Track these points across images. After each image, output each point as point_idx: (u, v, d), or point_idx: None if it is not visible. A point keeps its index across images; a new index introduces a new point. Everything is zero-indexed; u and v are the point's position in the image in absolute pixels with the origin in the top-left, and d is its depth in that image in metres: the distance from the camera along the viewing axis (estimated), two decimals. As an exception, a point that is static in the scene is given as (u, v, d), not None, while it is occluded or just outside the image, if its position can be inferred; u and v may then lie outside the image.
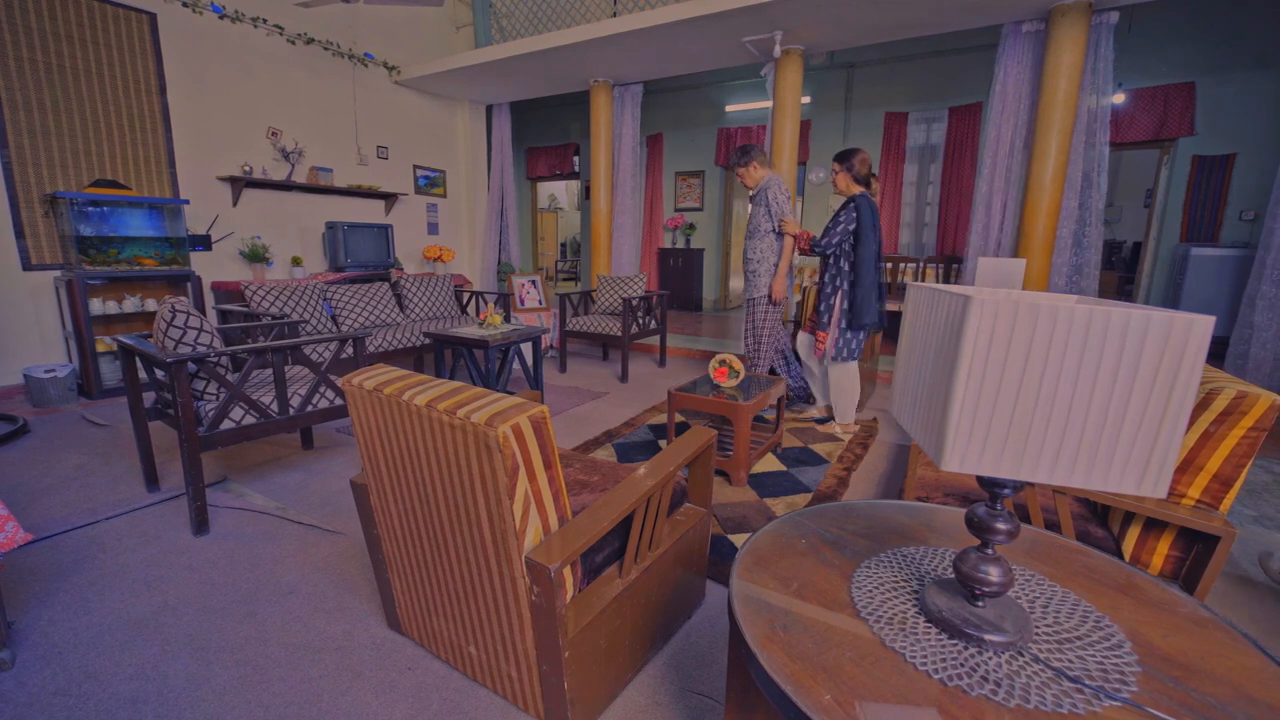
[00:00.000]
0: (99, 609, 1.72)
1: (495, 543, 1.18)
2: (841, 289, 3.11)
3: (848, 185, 3.08)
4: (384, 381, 1.28)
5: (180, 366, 1.98)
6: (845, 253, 3.07)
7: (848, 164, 3.05)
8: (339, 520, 2.28)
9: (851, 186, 3.09)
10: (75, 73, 3.80)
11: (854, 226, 3.01)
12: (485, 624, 1.31)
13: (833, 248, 3.07)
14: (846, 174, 3.07)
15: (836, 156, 3.11)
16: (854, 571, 1.03)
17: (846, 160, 3.06)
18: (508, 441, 1.06)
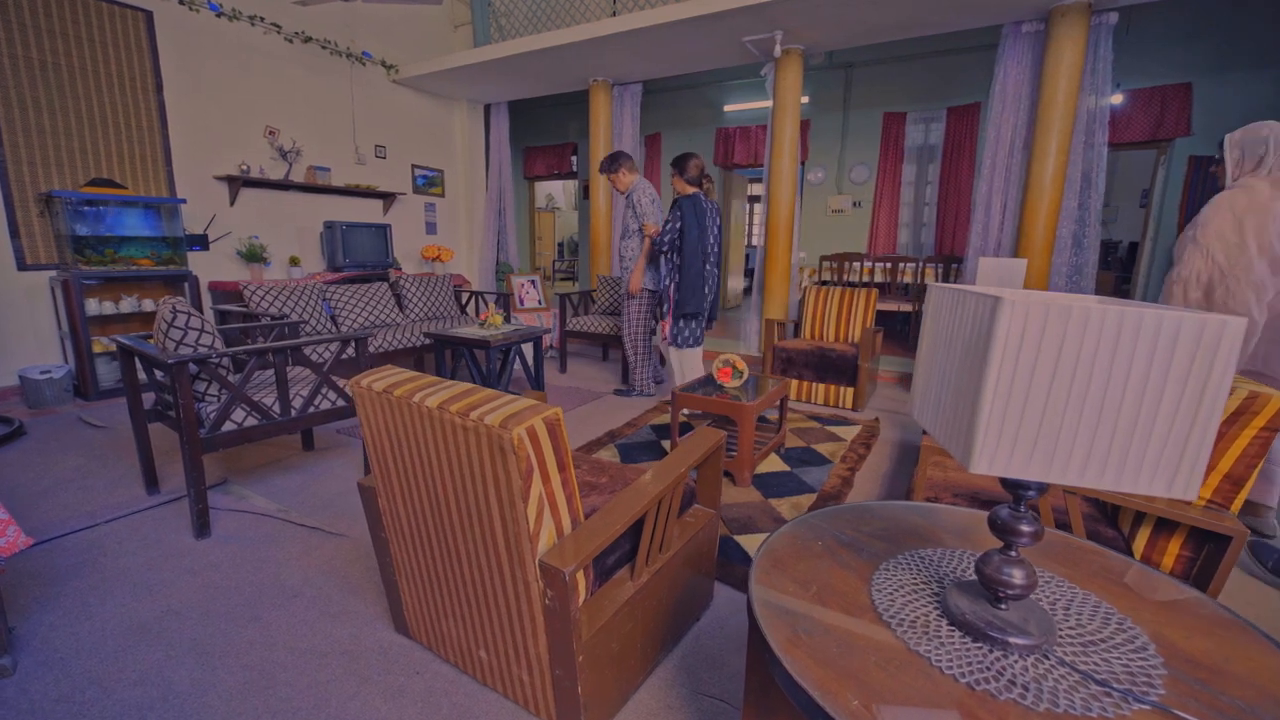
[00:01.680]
0: (101, 614, 1.70)
1: (508, 546, 1.16)
2: (674, 282, 3.44)
3: (682, 188, 3.44)
4: (394, 383, 1.26)
5: (182, 368, 1.96)
6: (677, 248, 3.40)
7: (681, 170, 3.42)
8: (342, 522, 2.26)
9: (685, 189, 3.43)
10: (71, 70, 3.76)
11: (679, 225, 3.36)
12: (496, 628, 1.30)
13: (665, 246, 3.42)
14: (680, 178, 3.43)
15: (673, 163, 3.46)
16: (872, 574, 1.02)
17: (680, 166, 3.43)
18: (522, 444, 1.05)
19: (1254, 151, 2.09)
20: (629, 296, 3.82)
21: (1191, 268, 2.13)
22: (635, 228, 3.76)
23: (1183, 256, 2.16)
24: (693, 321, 3.48)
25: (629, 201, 3.80)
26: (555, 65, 5.41)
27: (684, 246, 3.35)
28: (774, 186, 5.12)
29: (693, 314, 3.42)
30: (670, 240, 3.39)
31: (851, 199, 7.19)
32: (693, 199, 3.38)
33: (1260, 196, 2.00)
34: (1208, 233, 2.10)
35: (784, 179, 5.07)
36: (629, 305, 3.86)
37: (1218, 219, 2.08)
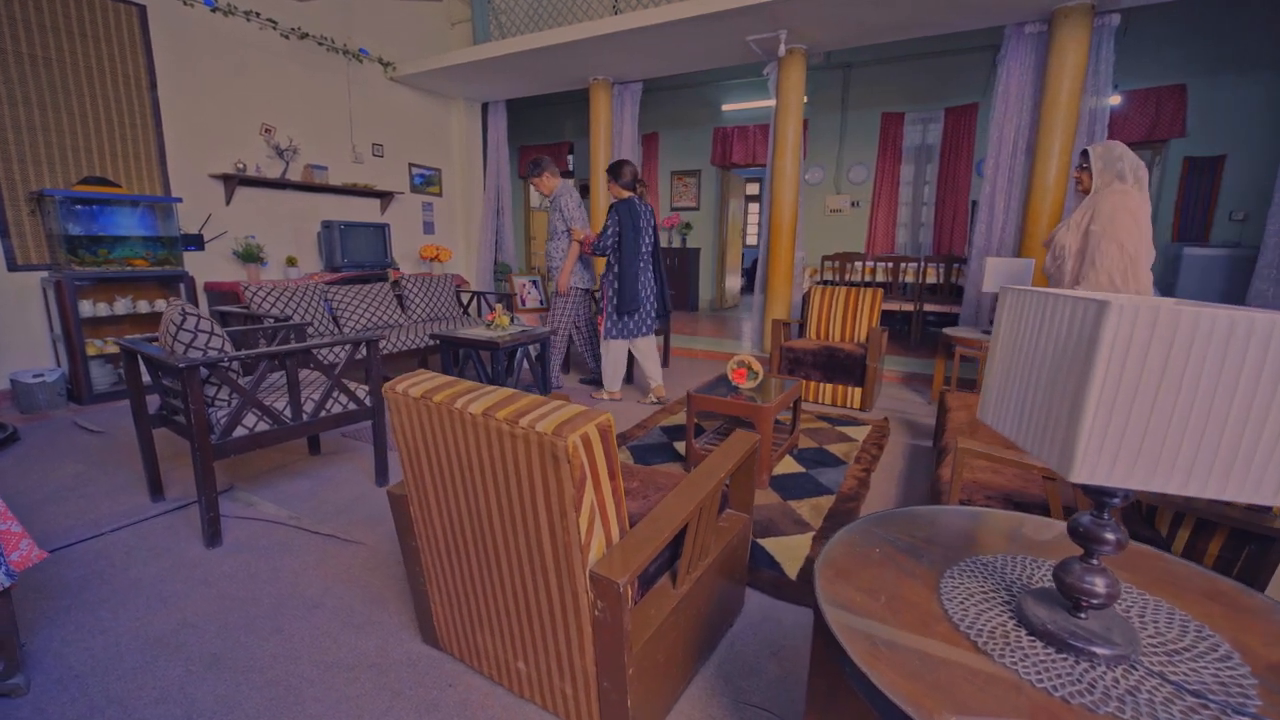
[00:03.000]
0: (114, 628, 1.64)
1: (556, 556, 1.13)
2: (613, 283, 3.66)
3: (617, 193, 3.63)
4: (431, 388, 1.22)
5: (193, 372, 1.90)
6: (615, 250, 3.60)
7: (616, 176, 3.61)
8: (357, 529, 2.21)
9: (620, 193, 3.62)
10: (63, 65, 3.66)
11: (618, 229, 3.56)
12: (538, 639, 1.26)
13: (606, 249, 3.61)
14: (615, 184, 3.61)
15: (608, 170, 3.63)
16: (938, 582, 1.00)
17: (615, 173, 3.61)
18: (576, 452, 1.02)
19: (1113, 166, 2.57)
20: (558, 295, 3.99)
21: (1112, 260, 2.50)
22: (562, 229, 3.92)
23: (1101, 251, 2.52)
24: (626, 318, 3.69)
25: (554, 205, 3.94)
26: (556, 63, 5.36)
27: (621, 249, 3.57)
28: (777, 186, 5.11)
29: (628, 311, 3.65)
30: (611, 243, 3.59)
31: (850, 199, 7.21)
32: (628, 203, 3.58)
33: (1136, 199, 2.48)
34: (1117, 229, 2.47)
35: (787, 179, 5.07)
36: (558, 303, 4.03)
37: (1122, 216, 2.47)
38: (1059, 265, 2.79)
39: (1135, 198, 2.51)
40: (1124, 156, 2.57)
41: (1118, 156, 2.59)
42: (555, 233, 3.94)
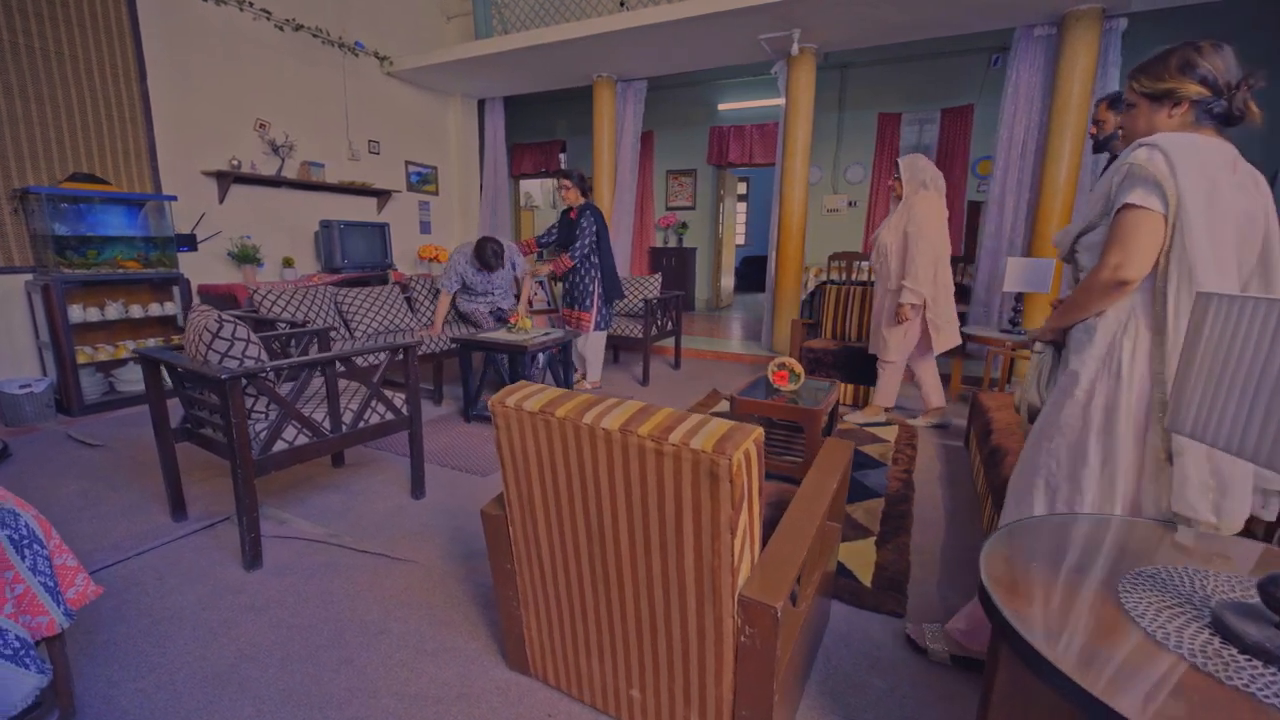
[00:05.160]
0: (164, 664, 1.51)
1: (700, 578, 1.06)
2: (597, 278, 3.89)
3: (576, 198, 3.84)
4: (547, 402, 1.14)
5: (235, 383, 1.77)
6: (595, 249, 3.85)
7: (577, 180, 3.83)
8: (403, 546, 2.10)
9: (579, 199, 3.85)
10: (46, 54, 3.42)
11: (595, 229, 3.80)
12: (662, 666, 1.19)
13: (586, 250, 3.81)
14: (576, 189, 3.81)
15: (578, 177, 3.84)
16: (1117, 598, 0.96)
17: (578, 179, 3.84)
18: (740, 471, 0.95)
19: (918, 175, 3.07)
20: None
21: (925, 256, 3.02)
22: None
23: (918, 249, 3.00)
24: (607, 308, 4.01)
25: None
26: (559, 60, 5.26)
27: (602, 246, 3.86)
28: (786, 187, 5.10)
29: (616, 298, 4.02)
30: (591, 242, 3.80)
31: (847, 199, 7.26)
32: (593, 205, 3.87)
33: (938, 204, 3.05)
34: (928, 230, 3.00)
35: (796, 179, 5.06)
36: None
37: (934, 220, 3.01)
38: (883, 262, 3.20)
39: (937, 203, 3.05)
40: (925, 169, 3.09)
41: (921, 168, 3.09)
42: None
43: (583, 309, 3.90)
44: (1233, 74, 1.20)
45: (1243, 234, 1.17)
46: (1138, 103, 1.29)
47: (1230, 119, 1.21)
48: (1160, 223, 1.14)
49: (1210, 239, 1.12)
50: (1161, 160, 1.13)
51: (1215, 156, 1.14)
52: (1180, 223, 1.12)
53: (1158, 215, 1.14)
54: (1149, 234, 1.15)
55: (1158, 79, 1.25)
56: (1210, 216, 1.12)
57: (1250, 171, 1.20)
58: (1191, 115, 1.21)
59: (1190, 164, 1.12)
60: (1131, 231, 1.16)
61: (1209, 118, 1.21)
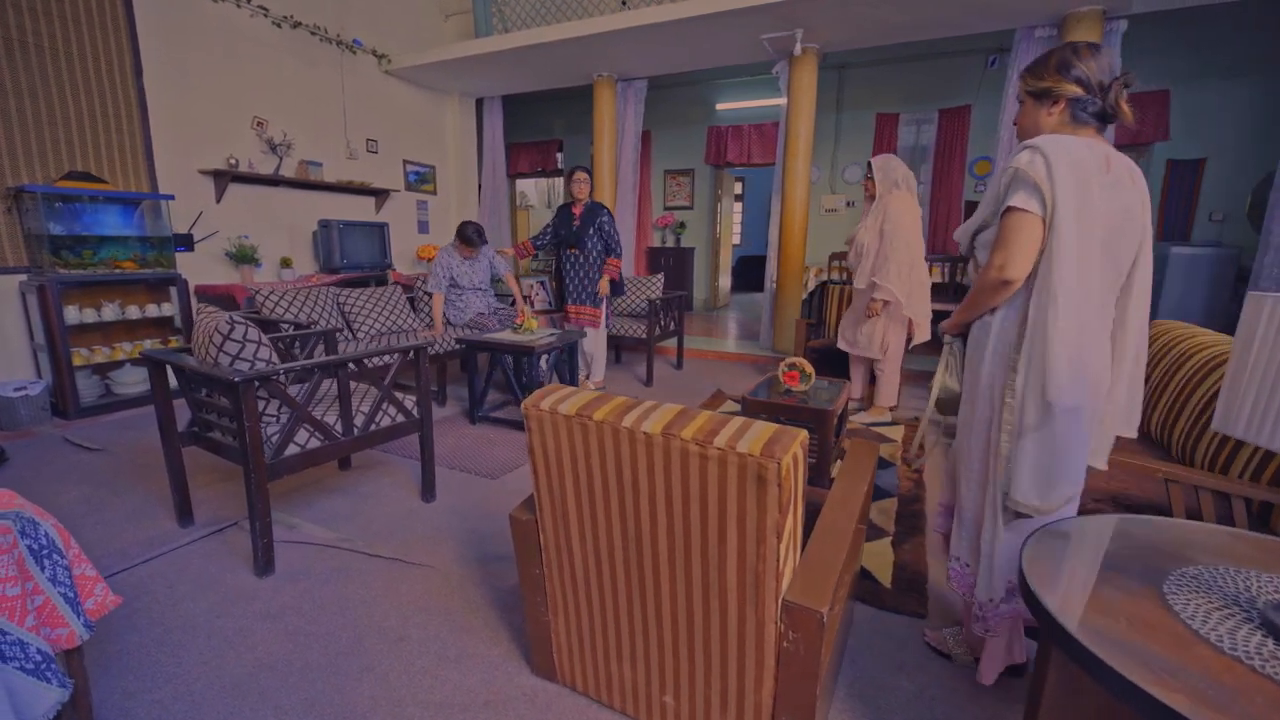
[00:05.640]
0: (180, 674, 1.48)
1: (742, 583, 1.04)
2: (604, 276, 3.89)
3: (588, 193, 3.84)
4: (585, 405, 1.12)
5: (249, 386, 1.73)
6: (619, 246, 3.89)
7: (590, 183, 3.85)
8: (417, 550, 2.07)
9: (590, 196, 3.89)
10: (41, 51, 3.35)
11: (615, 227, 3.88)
12: (699, 671, 1.17)
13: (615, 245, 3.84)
14: (588, 186, 3.80)
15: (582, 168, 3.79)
16: (1163, 599, 0.96)
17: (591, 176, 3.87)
18: (789, 475, 0.94)
19: (890, 175, 3.12)
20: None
21: (901, 254, 3.07)
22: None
23: (893, 248, 3.07)
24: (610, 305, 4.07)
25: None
26: (559, 59, 5.23)
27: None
28: (788, 187, 5.10)
29: (615, 297, 4.05)
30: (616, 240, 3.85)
31: (845, 199, 7.28)
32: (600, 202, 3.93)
33: (912, 203, 3.10)
34: (904, 229, 3.06)
35: (798, 179, 5.07)
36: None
37: (908, 220, 3.07)
38: (860, 261, 3.25)
39: (911, 202, 3.12)
40: (897, 168, 3.14)
41: (893, 168, 3.13)
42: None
43: (594, 305, 3.88)
44: (1106, 75, 1.25)
45: (1119, 230, 1.23)
46: (1025, 100, 1.35)
47: (1105, 117, 1.28)
48: (1039, 225, 1.20)
49: (1078, 239, 1.19)
50: (1041, 164, 1.18)
51: (1089, 158, 1.20)
52: (1053, 224, 1.18)
53: (1036, 218, 1.20)
54: (1029, 236, 1.21)
55: (1039, 78, 1.31)
56: (1080, 218, 1.18)
57: (1126, 166, 1.25)
58: (1069, 113, 1.28)
59: (1065, 167, 1.17)
60: (1014, 233, 1.22)
61: (1087, 115, 1.27)
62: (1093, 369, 1.25)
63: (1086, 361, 1.23)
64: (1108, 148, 1.25)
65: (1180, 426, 1.96)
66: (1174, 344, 2.25)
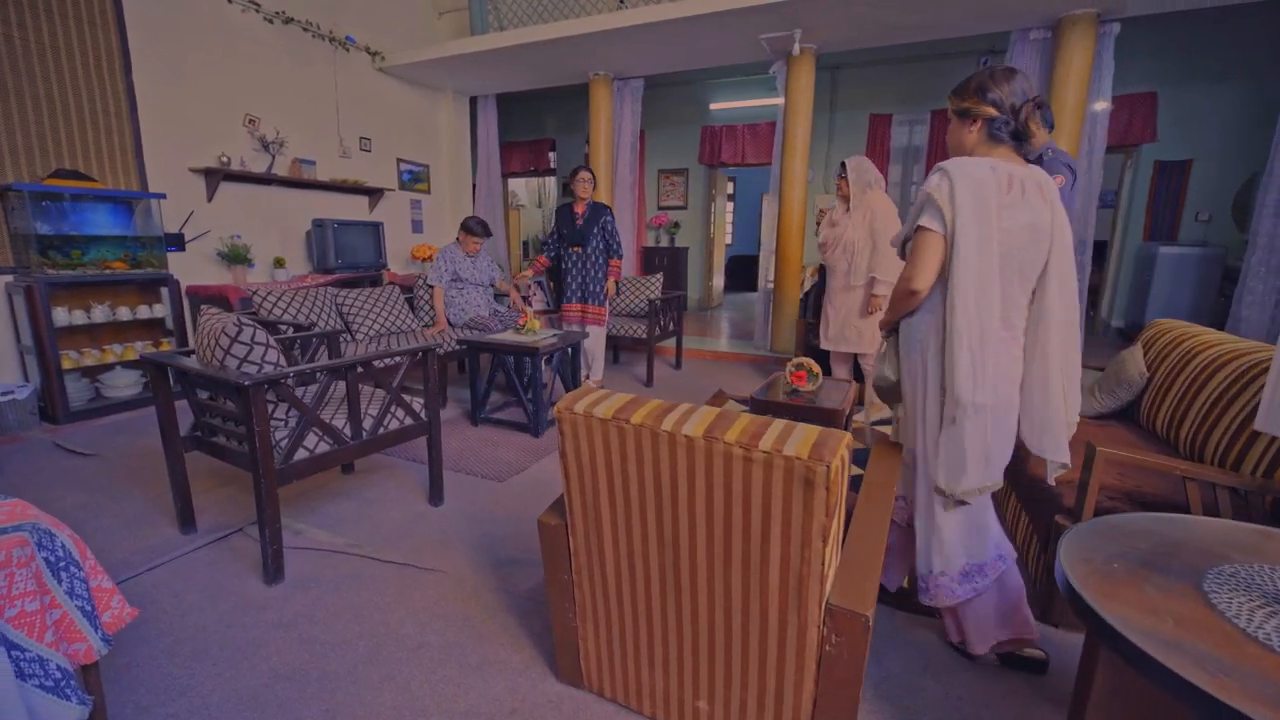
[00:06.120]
0: (194, 687, 1.43)
1: (784, 587, 1.03)
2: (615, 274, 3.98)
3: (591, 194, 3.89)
4: (621, 408, 1.10)
5: (259, 390, 1.69)
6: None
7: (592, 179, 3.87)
8: (428, 555, 2.04)
9: (595, 196, 3.99)
10: (27, 45, 3.25)
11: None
12: (735, 676, 1.16)
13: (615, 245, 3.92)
14: (591, 185, 3.83)
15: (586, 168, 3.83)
16: (1205, 598, 0.96)
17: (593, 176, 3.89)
18: (837, 478, 0.93)
19: (864, 176, 3.19)
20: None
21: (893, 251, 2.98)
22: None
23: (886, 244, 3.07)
24: None
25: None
26: (556, 58, 5.19)
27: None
28: (786, 187, 5.11)
29: None
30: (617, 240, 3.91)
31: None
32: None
33: (889, 203, 3.18)
34: (892, 227, 3.09)
35: (796, 179, 5.08)
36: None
37: (892, 217, 3.13)
38: (850, 259, 3.30)
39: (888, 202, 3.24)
40: (870, 170, 3.24)
41: (866, 169, 3.23)
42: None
43: (598, 304, 3.89)
44: (1019, 98, 1.39)
45: (1024, 243, 1.35)
46: (952, 118, 1.48)
47: (1019, 136, 1.41)
48: (941, 242, 1.35)
49: (977, 255, 1.32)
50: (946, 187, 1.33)
51: (990, 180, 1.33)
52: (954, 241, 1.32)
53: (939, 236, 1.34)
54: (932, 252, 1.36)
55: (961, 99, 1.45)
56: (979, 236, 1.31)
57: (1035, 183, 1.37)
58: (985, 131, 1.42)
59: (967, 190, 1.31)
60: (920, 250, 1.38)
61: (1002, 134, 1.40)
62: (996, 372, 1.38)
63: (989, 365, 1.36)
64: (1014, 167, 1.37)
65: (1188, 424, 1.99)
66: (1177, 343, 2.28)
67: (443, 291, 3.98)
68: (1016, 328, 1.42)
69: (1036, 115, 1.40)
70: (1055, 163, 2.81)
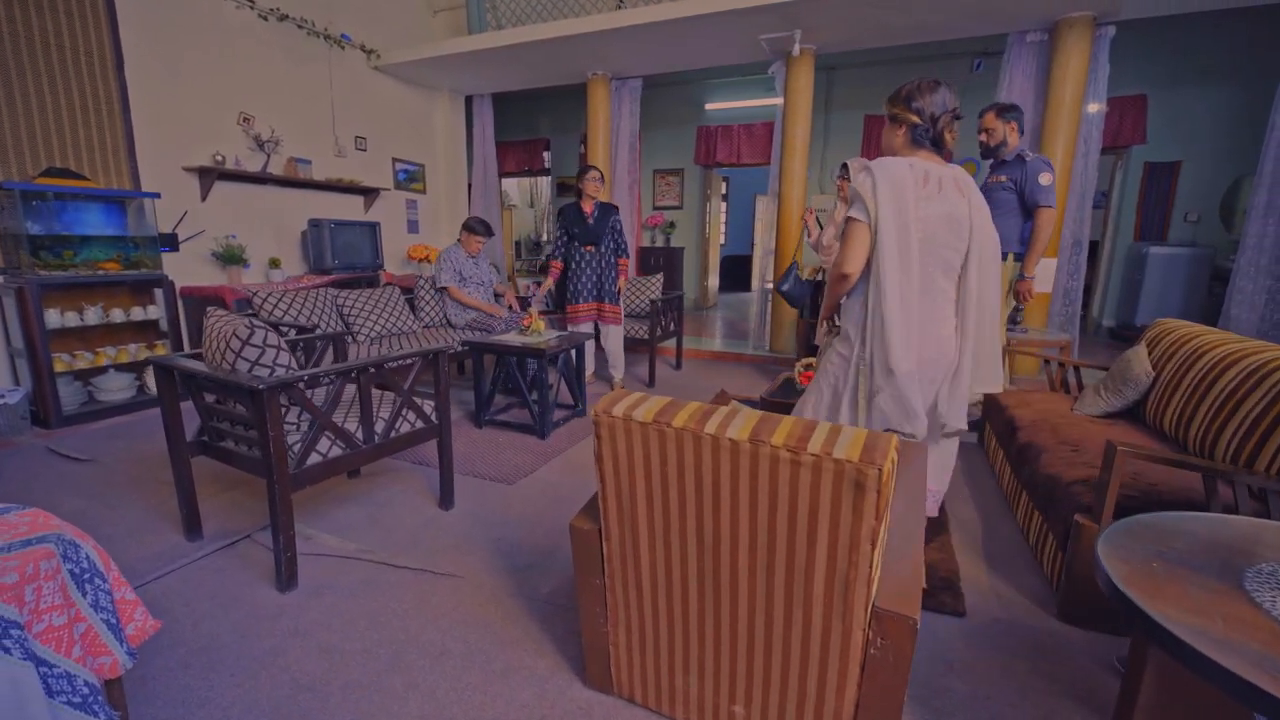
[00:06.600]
0: (214, 699, 1.40)
1: (829, 591, 1.03)
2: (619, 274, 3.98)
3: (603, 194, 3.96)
4: (661, 411, 1.09)
5: (273, 394, 1.66)
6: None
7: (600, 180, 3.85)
8: (443, 560, 2.01)
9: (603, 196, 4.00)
10: (16, 41, 3.17)
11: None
12: (774, 680, 1.15)
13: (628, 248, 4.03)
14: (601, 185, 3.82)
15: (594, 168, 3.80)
16: (1249, 597, 0.97)
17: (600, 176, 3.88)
18: (888, 481, 0.92)
19: None
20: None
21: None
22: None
23: None
24: None
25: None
26: (554, 57, 5.16)
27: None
28: (785, 187, 5.13)
29: None
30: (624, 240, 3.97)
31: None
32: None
33: None
34: None
35: (795, 179, 5.10)
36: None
37: None
38: None
39: None
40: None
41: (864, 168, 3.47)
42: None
43: (614, 302, 3.91)
44: (939, 109, 1.57)
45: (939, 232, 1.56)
46: (887, 122, 1.66)
47: (937, 143, 1.60)
48: (866, 230, 1.55)
49: (896, 241, 1.52)
50: (869, 183, 1.54)
51: (908, 175, 1.53)
52: (876, 229, 1.52)
53: (864, 225, 1.55)
54: (859, 240, 1.56)
55: (893, 105, 1.64)
56: (898, 224, 1.51)
57: (954, 180, 1.58)
58: (909, 136, 1.61)
59: (886, 185, 1.51)
60: (849, 238, 1.57)
61: (924, 139, 1.60)
62: (921, 341, 1.59)
63: (914, 336, 1.57)
64: (931, 166, 1.57)
65: (1198, 422, 2.01)
66: (1183, 342, 2.31)
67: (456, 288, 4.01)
68: (943, 309, 1.62)
69: (954, 125, 1.59)
70: (1038, 162, 2.85)
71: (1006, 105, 3.01)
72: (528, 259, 13.14)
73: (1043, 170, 2.86)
